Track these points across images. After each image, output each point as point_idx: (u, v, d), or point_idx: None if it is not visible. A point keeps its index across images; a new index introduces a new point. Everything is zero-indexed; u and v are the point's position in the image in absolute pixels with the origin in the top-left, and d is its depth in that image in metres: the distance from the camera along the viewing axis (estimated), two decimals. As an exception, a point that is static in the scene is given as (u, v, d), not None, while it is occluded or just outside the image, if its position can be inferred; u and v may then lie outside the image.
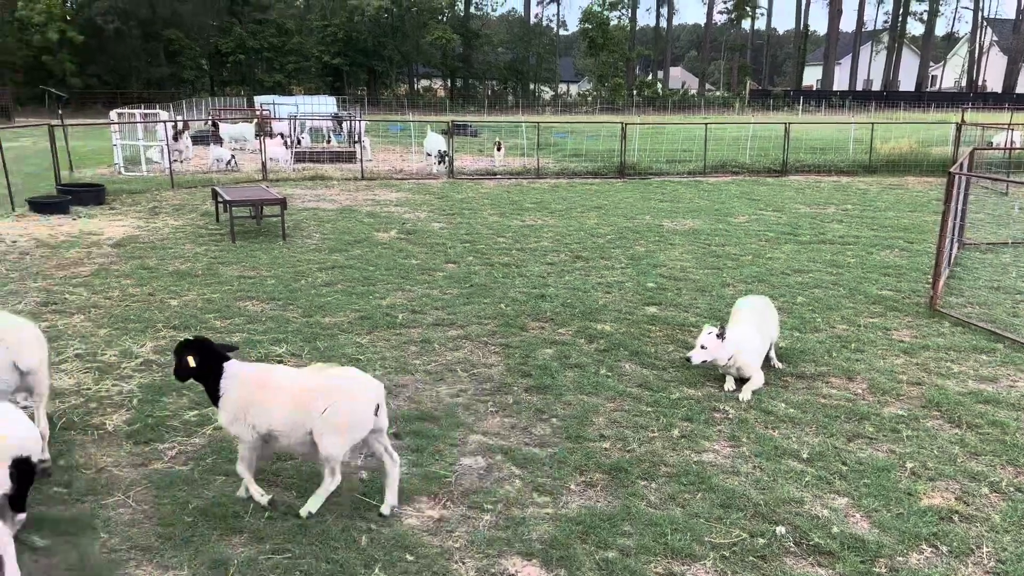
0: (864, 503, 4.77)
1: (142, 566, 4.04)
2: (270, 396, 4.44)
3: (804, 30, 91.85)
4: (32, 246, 11.79)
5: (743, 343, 6.43)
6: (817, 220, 14.87)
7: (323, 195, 17.75)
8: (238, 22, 70.16)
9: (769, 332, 6.90)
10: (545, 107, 75.08)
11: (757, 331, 6.66)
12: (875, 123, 26.64)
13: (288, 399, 4.41)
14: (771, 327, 6.99)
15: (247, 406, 4.46)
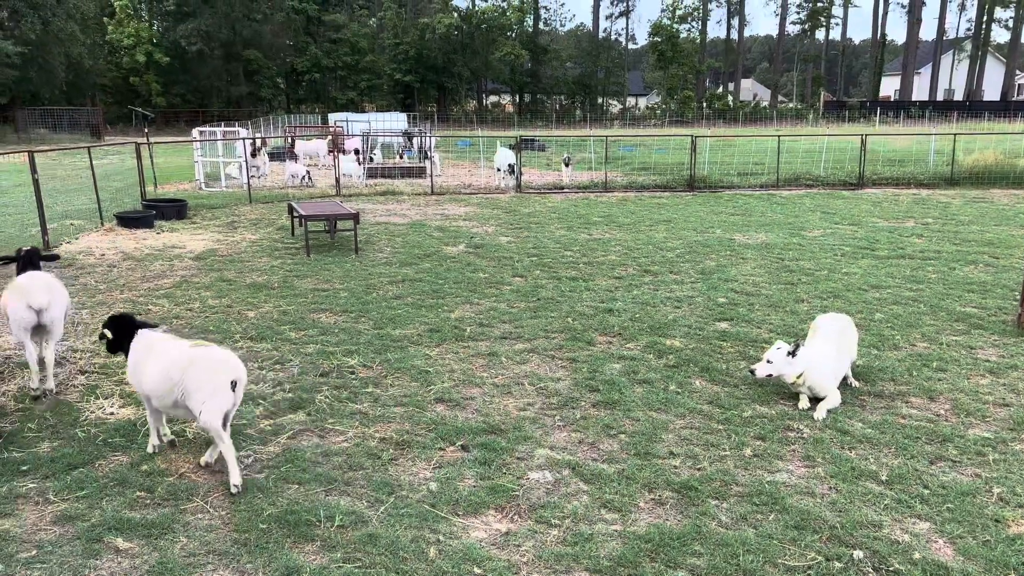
0: (947, 529, 4.58)
1: (219, 570, 4.16)
2: (150, 362, 5.19)
3: (881, 39, 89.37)
4: (119, 259, 12.33)
5: (815, 361, 6.27)
6: (895, 234, 14.40)
7: (394, 210, 18.07)
8: (313, 42, 72.28)
9: (849, 351, 6.73)
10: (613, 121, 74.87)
11: (835, 350, 6.49)
12: (957, 134, 25.68)
13: (157, 367, 5.11)
14: (851, 346, 6.81)
15: (136, 368, 5.31)
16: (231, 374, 4.97)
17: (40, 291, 6.43)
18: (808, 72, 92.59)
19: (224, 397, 4.92)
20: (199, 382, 4.90)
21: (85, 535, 4.44)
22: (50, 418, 6.06)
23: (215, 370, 4.95)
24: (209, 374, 4.92)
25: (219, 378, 4.92)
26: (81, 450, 5.49)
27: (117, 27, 63.73)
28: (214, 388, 4.90)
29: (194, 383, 4.90)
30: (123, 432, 5.78)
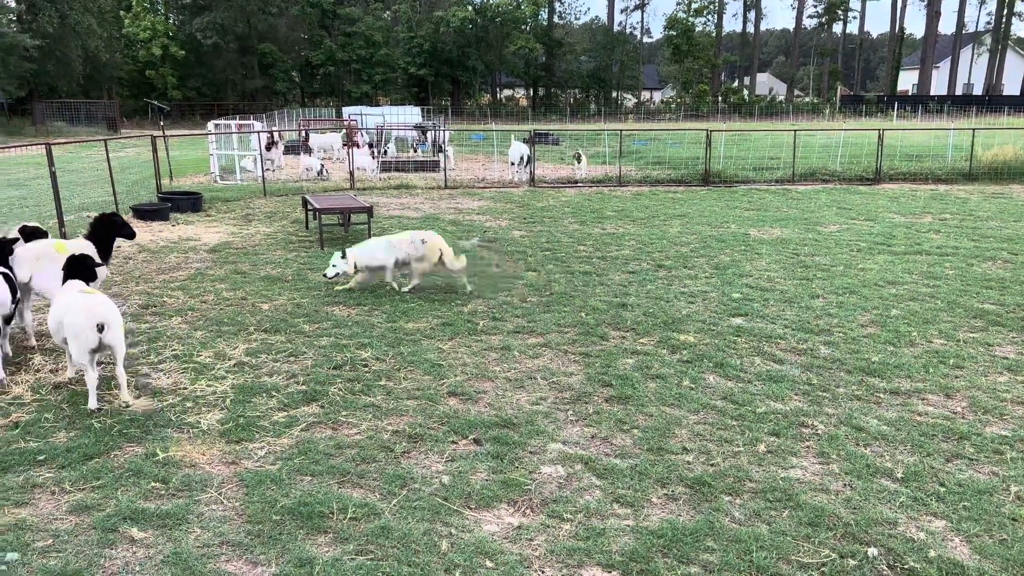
0: (964, 527, 4.53)
1: (232, 561, 4.18)
2: (53, 305, 6.37)
3: (900, 33, 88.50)
4: (135, 251, 12.41)
5: None
6: (913, 230, 14.28)
7: (407, 203, 18.09)
8: (328, 35, 72.38)
9: None
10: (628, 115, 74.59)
11: None
12: (976, 129, 25.40)
13: (52, 310, 6.30)
14: None
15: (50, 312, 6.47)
16: (97, 319, 5.89)
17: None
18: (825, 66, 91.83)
19: (89, 337, 5.87)
20: (72, 325, 5.93)
21: (100, 525, 4.47)
22: (65, 408, 6.11)
23: (85, 315, 5.89)
24: (80, 318, 5.89)
25: (87, 322, 5.87)
26: (97, 440, 5.53)
27: (133, 20, 64.03)
28: (79, 330, 5.89)
29: (67, 324, 5.97)
30: (138, 423, 5.82)
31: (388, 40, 74.21)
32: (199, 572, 4.05)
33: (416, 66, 73.35)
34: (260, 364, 7.16)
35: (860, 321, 8.56)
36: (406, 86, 75.30)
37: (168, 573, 4.04)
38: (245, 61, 69.03)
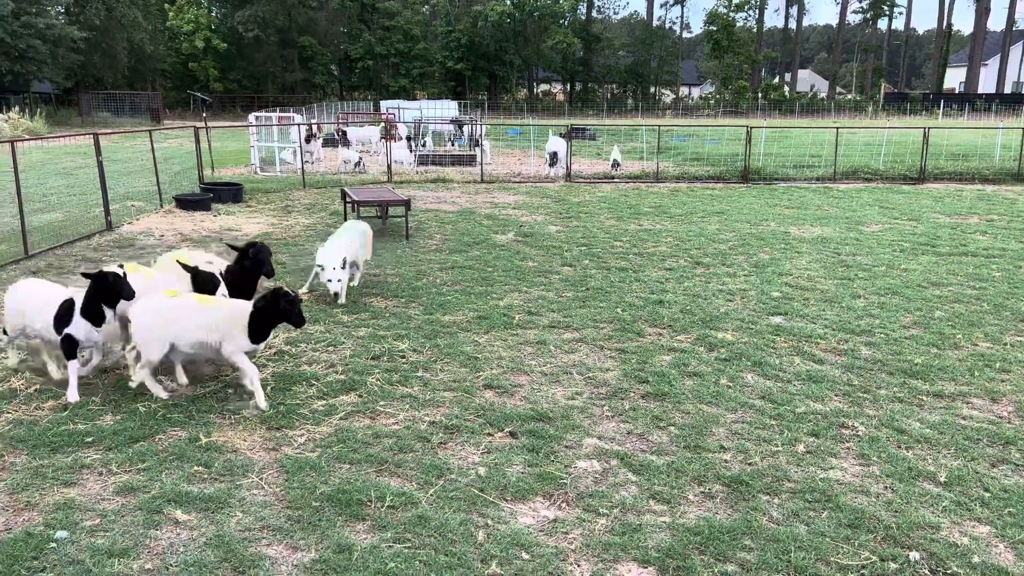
0: (1009, 533, 4.45)
1: (272, 545, 4.25)
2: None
3: (947, 29, 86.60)
4: (177, 240, 12.63)
5: None
6: (958, 231, 13.99)
7: (444, 197, 18.16)
8: (367, 29, 72.84)
9: None
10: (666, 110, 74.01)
11: None
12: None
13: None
14: None
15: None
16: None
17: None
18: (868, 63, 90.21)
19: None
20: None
21: (146, 506, 4.58)
22: (112, 393, 6.25)
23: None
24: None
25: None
26: (142, 424, 5.66)
27: (177, 13, 65.13)
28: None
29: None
30: (181, 408, 5.94)
31: (426, 34, 74.49)
32: (240, 555, 4.12)
33: (453, 60, 73.54)
34: (300, 353, 7.26)
35: (903, 322, 8.42)
36: (443, 80, 75.55)
37: (211, 555, 4.12)
38: (285, 54, 69.80)
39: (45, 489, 4.77)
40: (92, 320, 6.01)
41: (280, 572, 4.01)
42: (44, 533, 4.28)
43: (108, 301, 6.02)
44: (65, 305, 6.03)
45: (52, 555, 4.10)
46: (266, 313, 6.07)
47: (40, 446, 5.29)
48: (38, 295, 6.25)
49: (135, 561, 4.07)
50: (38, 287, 6.46)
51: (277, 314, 6.10)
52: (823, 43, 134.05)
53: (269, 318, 6.11)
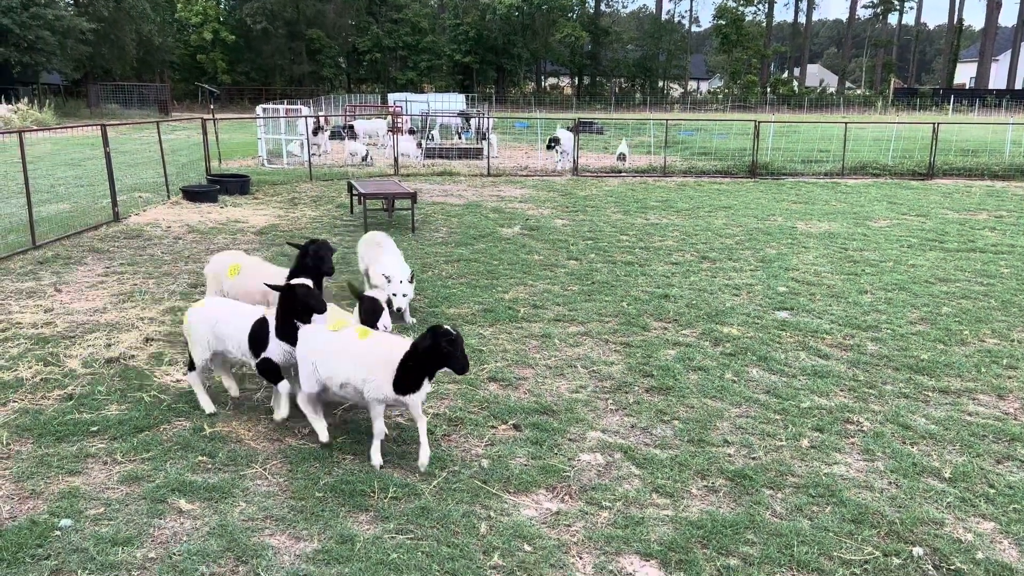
0: (1014, 530, 4.43)
1: (276, 535, 4.26)
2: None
3: (958, 24, 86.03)
4: (184, 231, 12.66)
5: None
6: (967, 227, 13.91)
7: (450, 190, 18.15)
8: (375, 21, 72.81)
9: None
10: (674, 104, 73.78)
11: None
12: (1037, 124, 24.60)
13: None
14: None
15: None
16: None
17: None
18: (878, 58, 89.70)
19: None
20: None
21: (150, 495, 4.60)
22: (117, 382, 6.27)
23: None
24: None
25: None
26: (147, 414, 5.68)
27: (186, 5, 65.19)
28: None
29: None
30: (186, 398, 5.95)
31: (434, 27, 74.41)
32: (244, 544, 4.14)
33: (461, 53, 73.45)
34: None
35: (909, 318, 8.38)
36: (451, 73, 75.45)
37: (214, 544, 4.14)
38: (293, 47, 69.82)
39: (50, 478, 4.79)
40: (287, 339, 5.34)
41: (283, 562, 4.02)
42: (48, 521, 4.30)
43: (301, 316, 5.35)
44: (258, 325, 5.43)
45: (56, 543, 4.12)
46: (422, 357, 4.80)
47: (45, 435, 5.32)
48: (228, 316, 5.59)
49: (139, 550, 4.08)
50: (226, 307, 5.78)
51: (437, 358, 4.77)
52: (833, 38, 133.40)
53: (425, 363, 4.83)
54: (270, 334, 5.36)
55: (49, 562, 3.97)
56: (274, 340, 5.36)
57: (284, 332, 5.35)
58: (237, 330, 5.48)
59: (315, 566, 3.99)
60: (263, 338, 5.38)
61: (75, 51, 50.72)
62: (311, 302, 5.31)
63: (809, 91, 79.32)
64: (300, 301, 5.30)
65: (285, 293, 5.34)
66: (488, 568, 4.02)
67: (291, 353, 5.34)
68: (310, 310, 5.31)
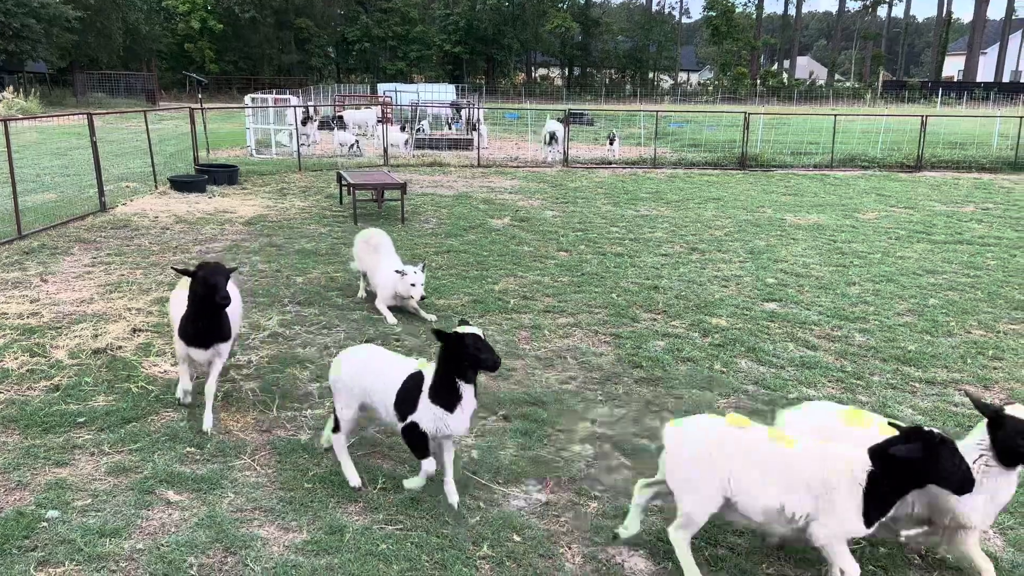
0: (998, 520, 4.46)
1: (264, 526, 4.26)
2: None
3: (947, 17, 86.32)
4: (172, 221, 12.58)
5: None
6: (954, 219, 13.99)
7: (440, 181, 18.10)
8: (364, 11, 72.34)
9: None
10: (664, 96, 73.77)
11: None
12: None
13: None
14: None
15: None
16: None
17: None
18: (868, 50, 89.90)
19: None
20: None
21: (138, 486, 4.58)
22: (104, 373, 6.23)
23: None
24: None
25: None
26: (134, 405, 5.65)
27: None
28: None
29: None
30: (174, 389, 5.92)
31: (424, 17, 74.02)
32: (232, 535, 4.13)
33: (451, 44, 73.11)
34: (294, 336, 7.24)
35: (897, 309, 8.43)
36: (441, 64, 75.11)
37: (202, 535, 4.13)
38: (282, 36, 69.29)
39: (37, 469, 4.76)
40: (445, 404, 4.26)
41: (272, 553, 4.02)
42: (36, 512, 4.27)
43: (466, 373, 4.23)
44: (410, 381, 4.44)
45: (43, 534, 4.10)
46: (905, 472, 3.51)
47: (32, 426, 5.28)
48: (381, 365, 4.70)
49: (126, 541, 4.07)
50: (380, 355, 4.86)
51: (927, 472, 3.49)
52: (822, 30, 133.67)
53: (904, 480, 3.54)
54: (422, 394, 4.32)
55: (36, 553, 3.95)
56: (426, 402, 4.29)
57: (441, 393, 4.26)
58: (386, 384, 4.53)
59: (304, 557, 3.98)
60: (413, 398, 4.35)
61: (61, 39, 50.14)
62: (483, 356, 4.15)
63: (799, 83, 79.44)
64: (469, 355, 4.14)
65: (450, 341, 4.18)
66: (477, 558, 4.03)
67: (446, 422, 4.28)
68: (477, 366, 4.19)
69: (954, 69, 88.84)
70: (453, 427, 4.30)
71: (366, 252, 8.40)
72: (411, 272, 7.65)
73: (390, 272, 7.81)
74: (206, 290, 5.04)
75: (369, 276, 8.32)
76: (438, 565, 3.96)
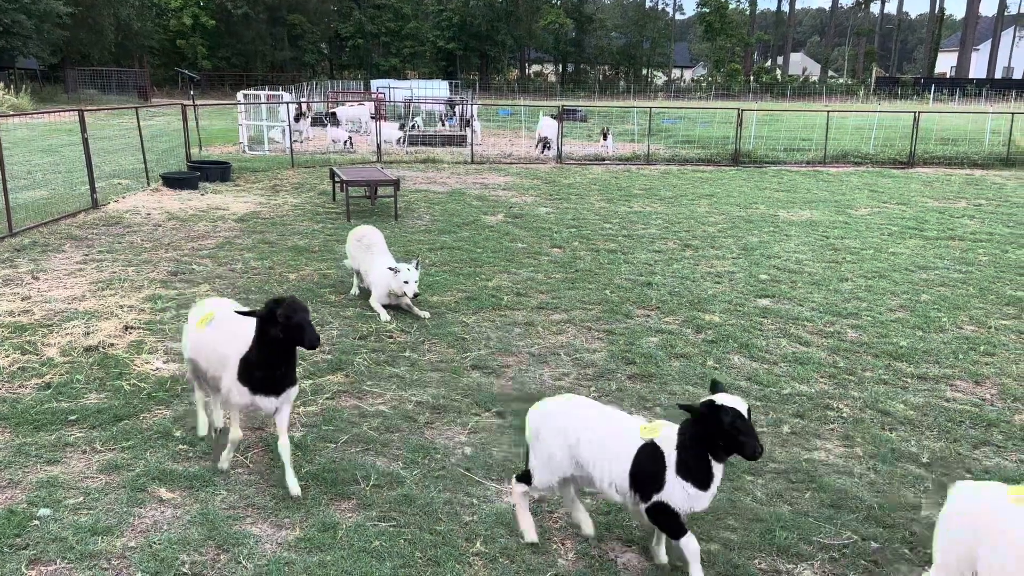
0: (989, 514, 4.48)
1: (258, 524, 4.25)
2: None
3: (939, 14, 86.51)
4: (164, 218, 12.53)
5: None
6: (946, 215, 14.04)
7: (434, 178, 18.08)
8: (357, 7, 72.09)
9: None
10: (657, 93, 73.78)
11: None
12: (1015, 113, 24.83)
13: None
14: None
15: None
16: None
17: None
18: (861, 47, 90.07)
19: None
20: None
21: (130, 484, 4.56)
22: (96, 371, 6.21)
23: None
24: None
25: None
26: (126, 403, 5.63)
27: (165, -11, 64.22)
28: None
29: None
30: (166, 387, 5.91)
31: (417, 13, 73.81)
32: (225, 532, 4.12)
33: (445, 40, 72.96)
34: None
35: (889, 305, 8.46)
36: (434, 60, 74.94)
37: (195, 533, 4.11)
38: (275, 32, 69.07)
39: (28, 467, 4.74)
40: (698, 482, 3.66)
41: (265, 550, 4.01)
42: (27, 511, 4.26)
43: (720, 455, 3.63)
44: (644, 457, 3.75)
45: (35, 532, 4.08)
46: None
47: (23, 424, 5.26)
48: (599, 434, 3.89)
49: (119, 539, 4.05)
50: (594, 415, 4.02)
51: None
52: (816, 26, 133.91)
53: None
54: (667, 470, 3.68)
55: (27, 552, 3.93)
56: (674, 479, 3.67)
57: (694, 472, 3.65)
58: (610, 457, 3.83)
59: (297, 554, 3.98)
60: (656, 475, 3.70)
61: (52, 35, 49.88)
62: (742, 440, 3.52)
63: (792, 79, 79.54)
64: (726, 437, 3.54)
65: (705, 419, 3.58)
66: (471, 555, 4.03)
67: (700, 500, 3.69)
68: (738, 451, 3.56)
69: (947, 65, 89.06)
70: (705, 503, 3.72)
71: (359, 250, 8.38)
72: (404, 270, 7.62)
73: (383, 270, 7.81)
74: (290, 333, 4.27)
75: (363, 274, 8.30)
76: (431, 562, 3.96)
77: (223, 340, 4.63)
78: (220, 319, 4.78)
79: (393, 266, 7.73)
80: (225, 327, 4.68)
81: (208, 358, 4.79)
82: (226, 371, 4.55)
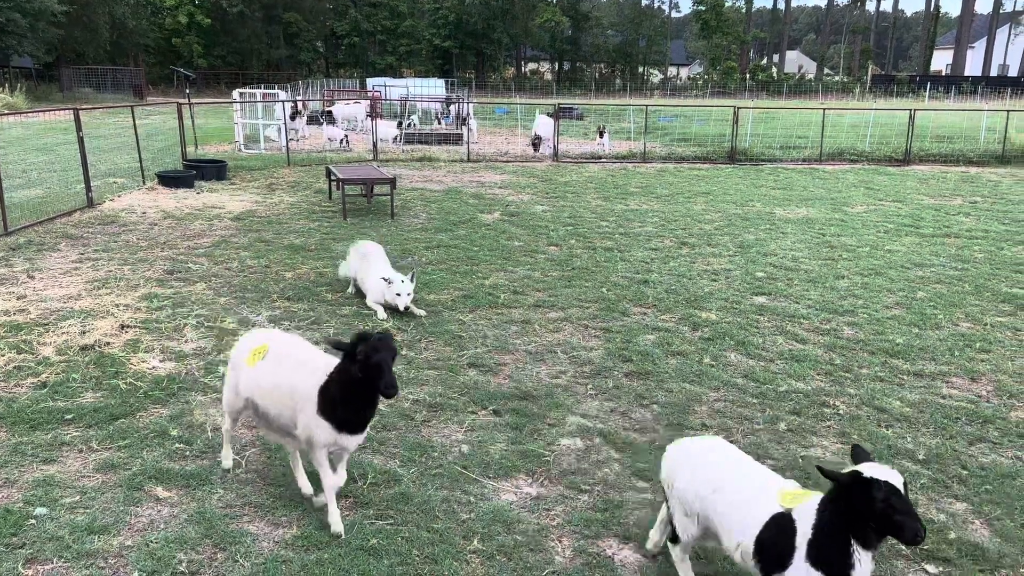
0: (985, 510, 4.51)
1: (255, 522, 4.24)
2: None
3: (935, 11, 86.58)
4: (160, 217, 12.51)
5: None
6: (942, 212, 14.06)
7: (430, 176, 18.06)
8: (353, 5, 71.95)
9: None
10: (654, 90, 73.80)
11: None
12: (1011, 111, 24.88)
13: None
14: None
15: None
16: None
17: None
18: (856, 44, 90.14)
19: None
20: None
21: (126, 483, 4.56)
22: (92, 370, 6.19)
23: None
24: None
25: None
26: (123, 402, 5.62)
27: (160, -13, 64.00)
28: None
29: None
30: (163, 386, 5.90)
31: (413, 11, 73.68)
32: (222, 531, 4.12)
33: (441, 38, 72.85)
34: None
35: (885, 303, 8.47)
36: (430, 58, 74.83)
37: (192, 531, 4.11)
38: (270, 30, 68.89)
39: (24, 466, 4.73)
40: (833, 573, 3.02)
41: (262, 548, 4.01)
42: (23, 510, 4.25)
43: (868, 539, 3.00)
44: (775, 528, 3.22)
45: (31, 532, 4.07)
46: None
47: (19, 423, 5.25)
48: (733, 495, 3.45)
49: (115, 538, 4.05)
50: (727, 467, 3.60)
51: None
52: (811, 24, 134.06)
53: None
54: (795, 551, 3.09)
55: (24, 551, 3.92)
56: (802, 564, 3.07)
57: (829, 558, 3.03)
58: (743, 519, 3.35)
59: (294, 552, 3.98)
60: (783, 551, 3.14)
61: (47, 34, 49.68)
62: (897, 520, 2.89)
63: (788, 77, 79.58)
64: (879, 517, 2.91)
65: (851, 491, 3.00)
66: (468, 552, 4.03)
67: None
68: (893, 534, 2.93)
69: (942, 63, 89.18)
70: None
71: (356, 259, 8.36)
72: (397, 281, 7.60)
73: (377, 279, 7.79)
74: (368, 372, 3.81)
75: (360, 282, 8.28)
76: (428, 560, 3.96)
77: (289, 373, 4.22)
78: (277, 351, 4.38)
79: (387, 276, 7.71)
80: (288, 358, 4.31)
81: (271, 395, 4.29)
82: (301, 407, 4.10)
